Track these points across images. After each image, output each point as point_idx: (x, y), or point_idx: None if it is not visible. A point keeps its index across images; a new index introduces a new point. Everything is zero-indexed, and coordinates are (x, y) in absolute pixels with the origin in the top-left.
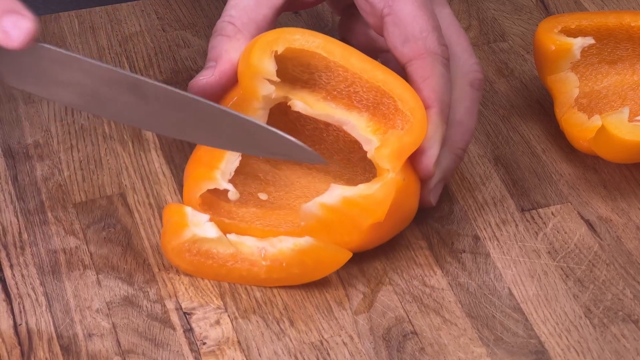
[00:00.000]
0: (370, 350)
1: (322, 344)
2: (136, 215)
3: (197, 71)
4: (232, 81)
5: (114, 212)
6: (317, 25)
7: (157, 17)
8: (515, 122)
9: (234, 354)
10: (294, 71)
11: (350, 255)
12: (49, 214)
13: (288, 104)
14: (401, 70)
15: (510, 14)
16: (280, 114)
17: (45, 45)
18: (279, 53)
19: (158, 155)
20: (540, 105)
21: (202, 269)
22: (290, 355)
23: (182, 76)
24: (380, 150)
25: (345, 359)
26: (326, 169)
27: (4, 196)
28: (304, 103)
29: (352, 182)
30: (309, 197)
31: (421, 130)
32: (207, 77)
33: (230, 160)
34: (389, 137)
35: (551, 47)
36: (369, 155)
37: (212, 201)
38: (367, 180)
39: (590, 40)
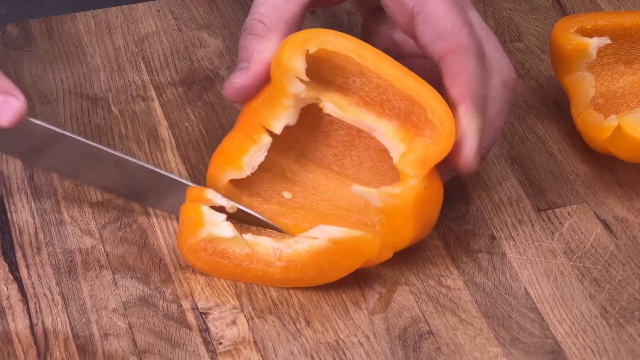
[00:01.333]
0: (387, 350)
1: (338, 343)
2: (152, 215)
3: (213, 71)
4: (266, 82)
5: (130, 212)
6: (333, 25)
7: (173, 17)
8: (531, 122)
9: (250, 354)
10: (329, 74)
11: (365, 258)
12: (65, 214)
13: (320, 106)
14: (426, 75)
15: (526, 14)
16: (314, 116)
17: (35, 121)
18: (310, 53)
19: (174, 155)
20: (556, 105)
21: (218, 269)
22: (306, 355)
23: (198, 76)
24: (405, 156)
25: (362, 359)
26: (355, 175)
27: (20, 196)
28: (335, 106)
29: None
30: (333, 201)
31: (449, 141)
32: (242, 80)
33: (255, 155)
34: (415, 144)
35: (567, 47)
36: (394, 161)
37: (234, 194)
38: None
39: (606, 40)
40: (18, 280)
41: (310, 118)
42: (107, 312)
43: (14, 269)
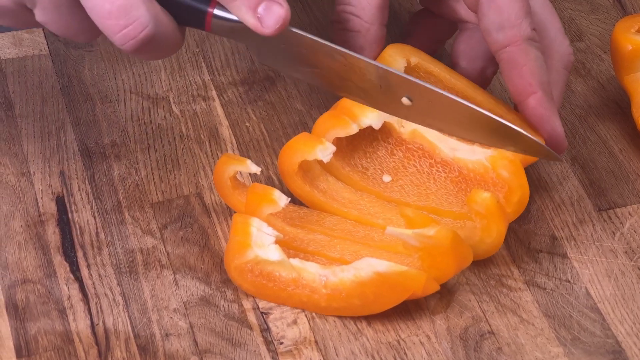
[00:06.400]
0: (448, 349)
1: (399, 343)
2: (213, 215)
3: (274, 71)
4: None
5: (191, 212)
6: (394, 24)
7: None
8: (592, 122)
9: (311, 354)
10: None
11: (409, 292)
12: (126, 214)
13: (402, 125)
14: (475, 40)
15: (587, 14)
16: (387, 153)
17: (295, 30)
18: (411, 63)
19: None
20: (617, 105)
21: (263, 291)
22: (367, 355)
23: (258, 76)
24: (495, 158)
25: (423, 359)
26: (431, 207)
27: (82, 196)
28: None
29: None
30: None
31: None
32: None
33: (345, 132)
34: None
35: (628, 47)
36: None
37: (276, 225)
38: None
39: None
40: (79, 280)
41: (383, 154)
42: (168, 312)
43: (75, 269)
